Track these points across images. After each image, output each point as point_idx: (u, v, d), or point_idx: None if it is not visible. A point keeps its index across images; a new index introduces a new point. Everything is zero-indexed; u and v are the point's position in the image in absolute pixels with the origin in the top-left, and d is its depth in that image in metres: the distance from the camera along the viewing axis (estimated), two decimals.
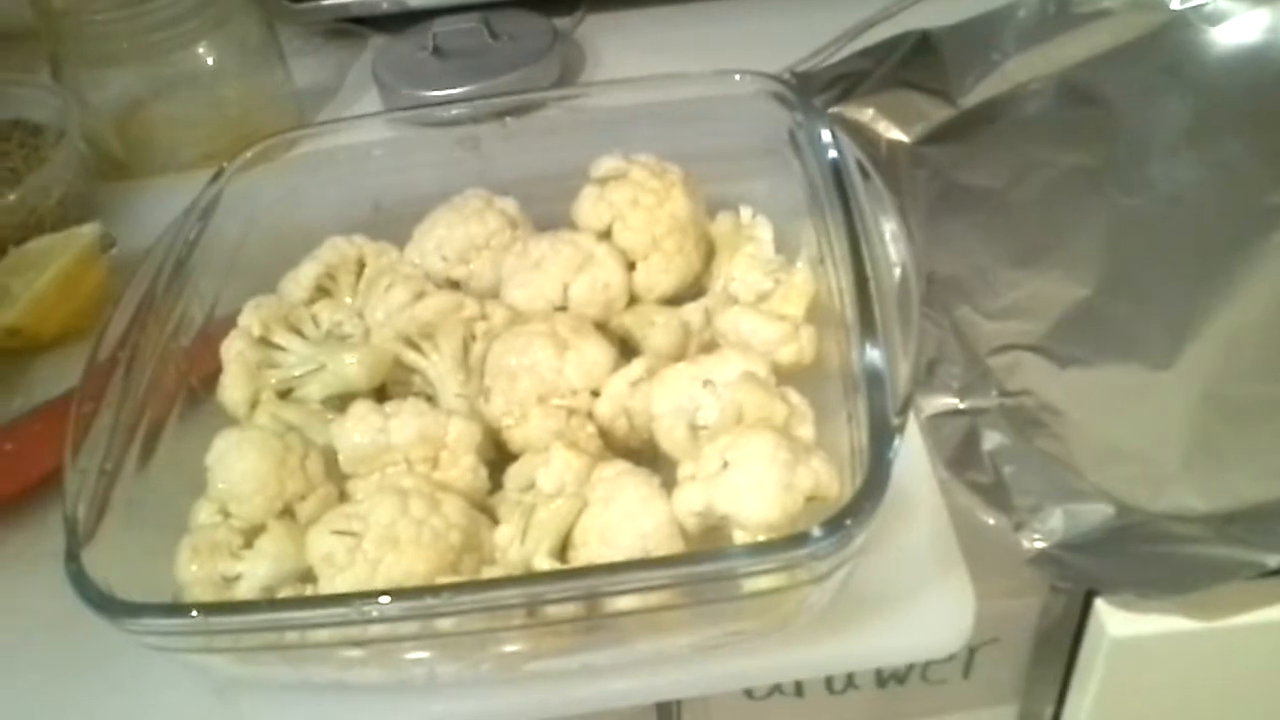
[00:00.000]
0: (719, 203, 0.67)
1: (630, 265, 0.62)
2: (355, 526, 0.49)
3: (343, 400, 0.58)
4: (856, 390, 0.50)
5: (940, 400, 0.61)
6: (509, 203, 0.67)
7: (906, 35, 0.82)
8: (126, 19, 0.78)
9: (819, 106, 0.67)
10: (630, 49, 0.92)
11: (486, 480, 0.55)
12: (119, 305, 0.57)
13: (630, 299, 0.63)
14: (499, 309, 0.61)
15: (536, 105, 0.70)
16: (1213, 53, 0.80)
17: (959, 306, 0.66)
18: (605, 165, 0.64)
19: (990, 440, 0.58)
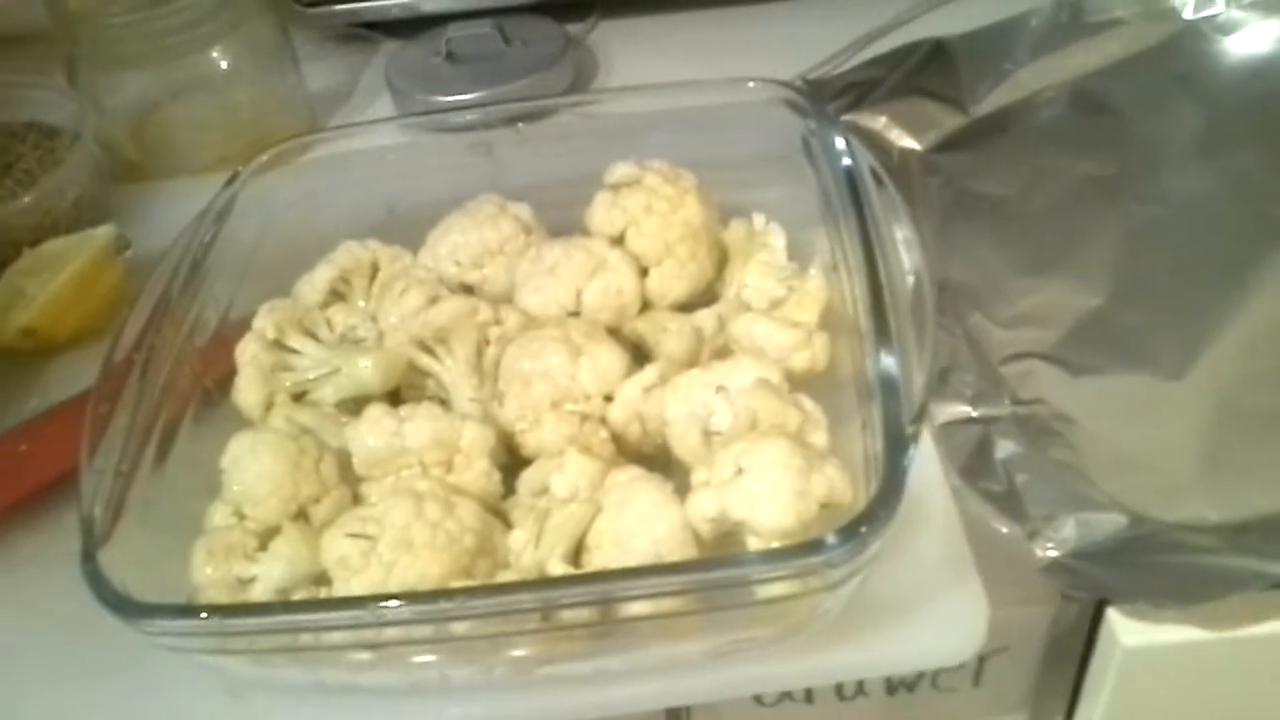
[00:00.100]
0: (732, 209, 0.67)
1: (643, 271, 0.63)
2: (370, 529, 0.49)
3: (357, 403, 0.58)
4: (870, 397, 0.50)
5: (953, 408, 0.61)
6: (523, 208, 0.67)
7: (919, 43, 0.82)
8: (142, 22, 0.78)
9: (832, 114, 0.68)
10: (642, 55, 0.92)
11: (500, 485, 0.55)
12: (135, 307, 0.58)
13: (643, 305, 0.63)
14: (512, 314, 0.61)
15: (550, 111, 0.70)
16: (1225, 62, 0.80)
17: (971, 314, 0.66)
18: (619, 171, 0.64)
19: (1003, 449, 0.58)
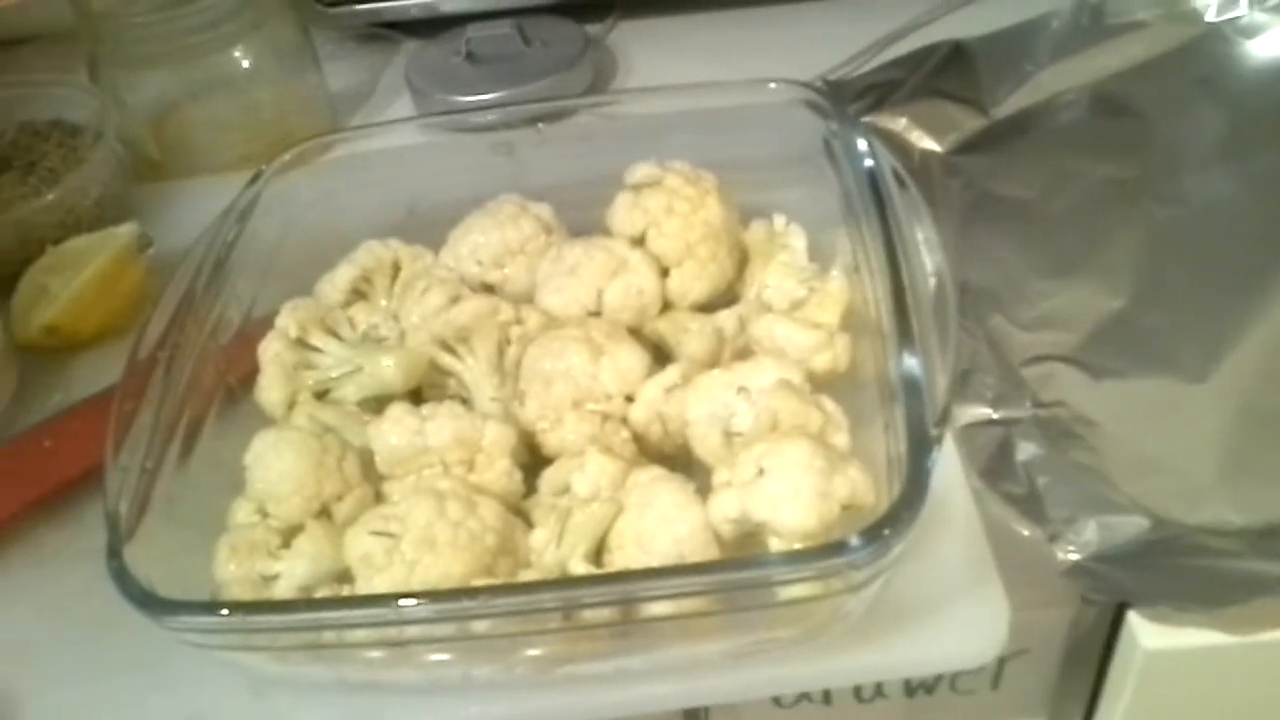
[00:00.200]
0: (753, 210, 0.67)
1: (664, 272, 0.63)
2: (393, 528, 0.50)
3: (378, 402, 0.59)
4: (892, 399, 0.50)
5: (974, 410, 0.60)
6: (544, 208, 0.67)
7: (939, 45, 0.81)
8: (164, 21, 0.78)
9: (853, 115, 0.67)
10: (661, 55, 0.92)
11: (521, 484, 0.55)
12: (159, 305, 0.58)
13: (664, 305, 0.63)
14: (534, 314, 0.61)
15: (570, 111, 0.71)
16: (1247, 65, 0.79)
17: (992, 316, 0.66)
18: (640, 172, 0.64)
19: (1024, 451, 0.58)
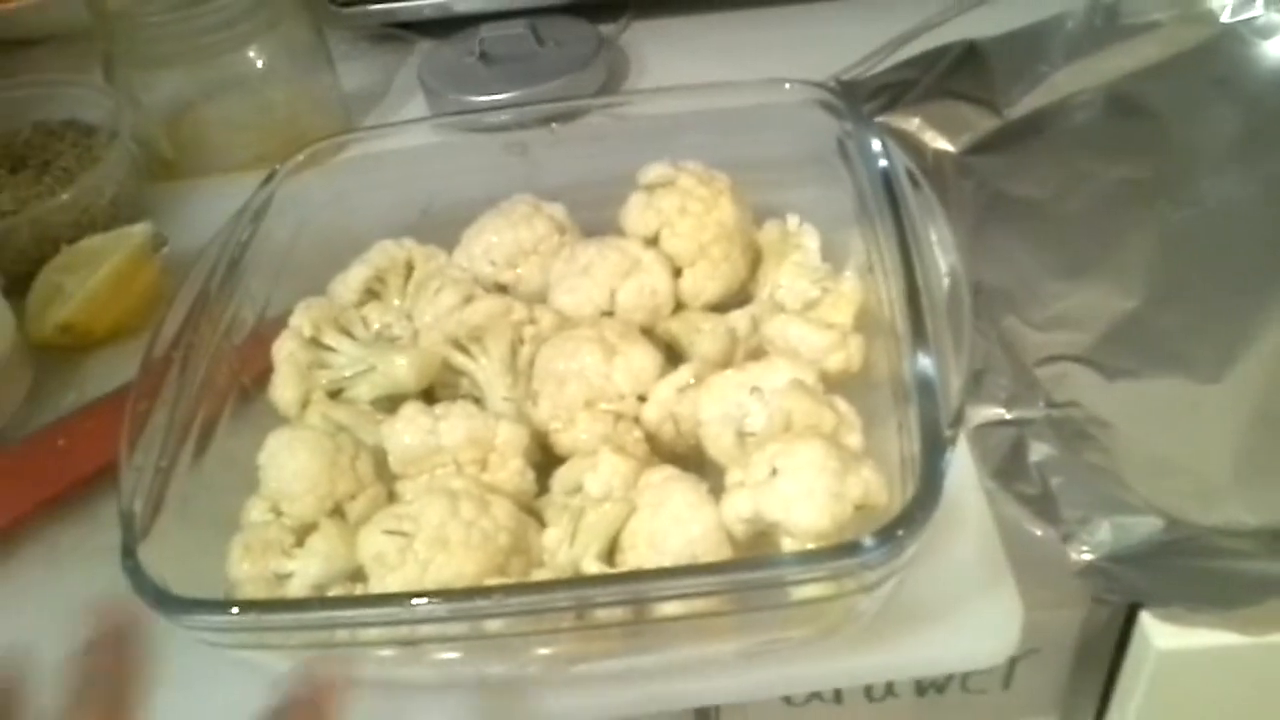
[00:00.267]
0: (766, 211, 0.67)
1: (677, 272, 0.63)
2: (406, 527, 0.50)
3: (391, 401, 0.59)
4: (906, 400, 0.50)
5: (987, 410, 0.60)
6: (557, 208, 0.67)
7: (953, 45, 0.81)
8: (179, 21, 0.79)
9: (867, 115, 0.67)
10: (674, 55, 0.92)
11: (534, 483, 0.55)
12: (173, 304, 0.58)
13: (676, 305, 0.63)
14: (547, 314, 0.61)
15: (584, 111, 0.71)
16: (1263, 66, 0.79)
17: (1006, 317, 0.65)
18: (654, 172, 0.64)
19: (1038, 451, 0.58)
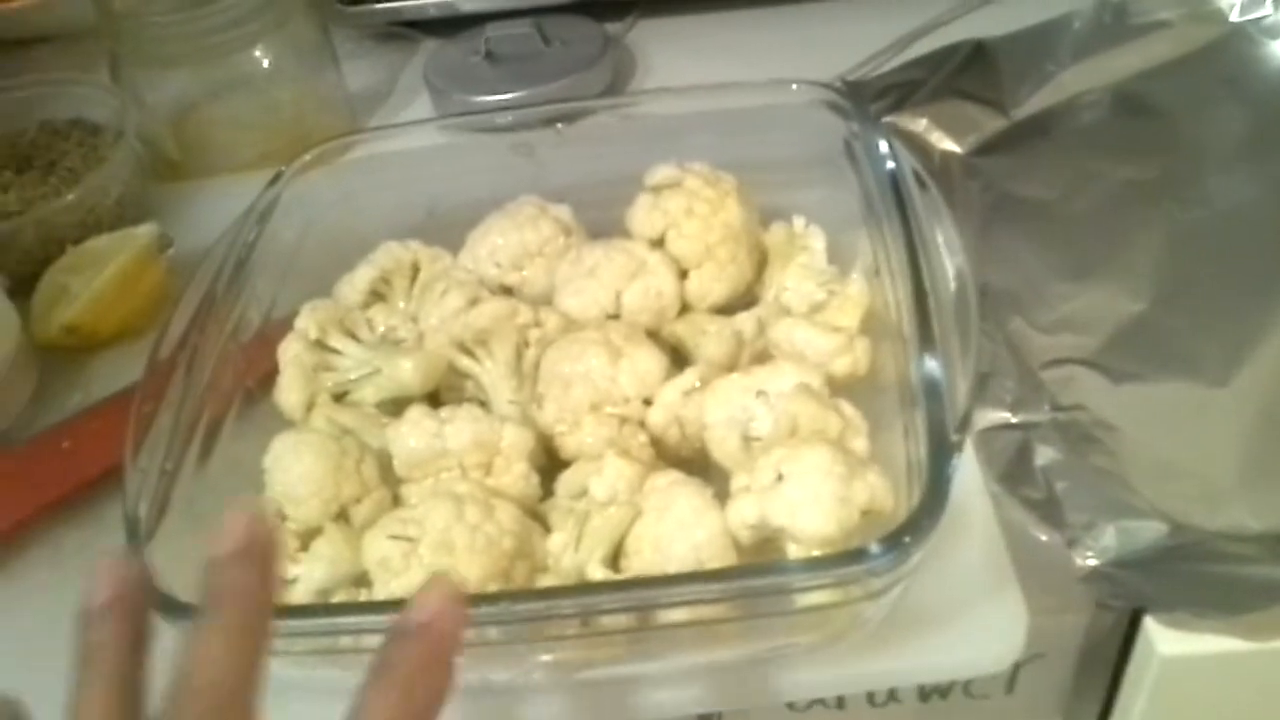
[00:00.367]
0: (772, 212, 0.66)
1: (683, 274, 0.62)
2: (411, 531, 0.50)
3: (396, 404, 0.59)
4: (912, 403, 0.50)
5: (992, 414, 0.60)
6: (563, 210, 0.67)
7: (960, 45, 0.81)
8: (185, 21, 0.78)
9: (874, 116, 0.67)
10: (681, 55, 0.92)
11: (539, 487, 0.55)
12: (179, 305, 0.58)
13: (682, 307, 0.63)
14: (552, 316, 0.61)
15: (590, 112, 0.70)
16: (1272, 66, 0.79)
17: (1012, 319, 0.65)
18: (660, 173, 0.64)
19: (1043, 455, 0.58)
